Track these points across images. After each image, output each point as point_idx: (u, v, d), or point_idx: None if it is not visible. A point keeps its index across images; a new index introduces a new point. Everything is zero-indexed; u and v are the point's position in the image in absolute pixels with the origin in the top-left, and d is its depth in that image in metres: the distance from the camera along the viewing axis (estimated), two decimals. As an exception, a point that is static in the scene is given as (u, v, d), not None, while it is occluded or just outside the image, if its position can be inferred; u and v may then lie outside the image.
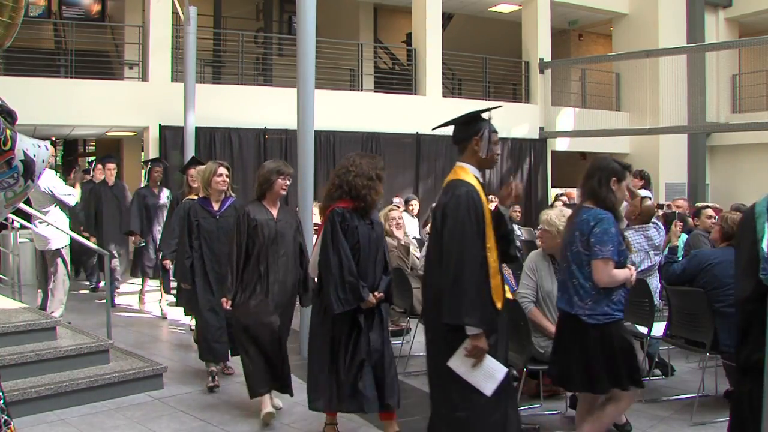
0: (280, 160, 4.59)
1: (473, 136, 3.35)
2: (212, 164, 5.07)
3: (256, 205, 4.39)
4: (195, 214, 5.00)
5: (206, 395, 4.82)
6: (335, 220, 3.84)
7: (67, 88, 10.00)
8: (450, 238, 3.05)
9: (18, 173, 2.40)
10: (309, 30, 5.73)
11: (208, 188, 4.99)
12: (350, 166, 3.92)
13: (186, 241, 4.99)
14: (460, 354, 3.05)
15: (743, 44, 13.58)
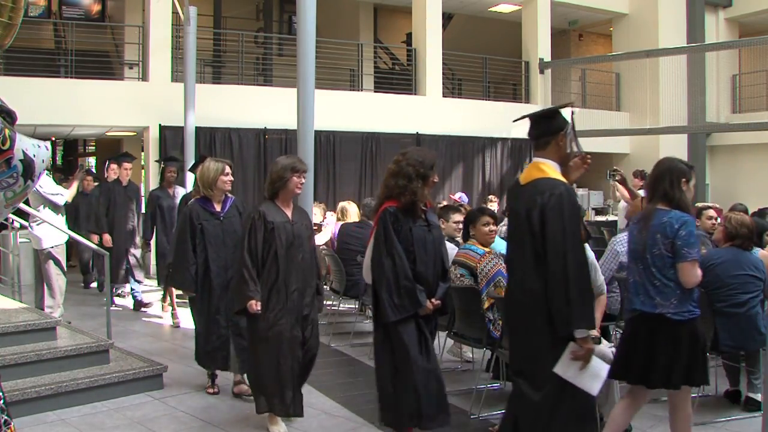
0: (294, 156, 4.30)
1: (559, 131, 3.18)
2: (216, 162, 4.75)
3: (270, 206, 4.07)
4: (197, 216, 4.68)
5: (206, 395, 4.82)
6: (387, 220, 3.59)
7: (67, 88, 10.00)
8: (556, 240, 2.94)
9: (17, 173, 2.40)
10: (309, 30, 5.73)
11: (212, 188, 4.70)
12: (393, 163, 3.69)
13: (189, 247, 4.66)
14: (566, 358, 2.95)
15: (743, 44, 13.59)
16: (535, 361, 3.05)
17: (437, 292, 3.65)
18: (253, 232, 3.99)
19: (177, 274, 4.79)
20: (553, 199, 2.97)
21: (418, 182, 3.59)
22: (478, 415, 4.41)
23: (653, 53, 13.25)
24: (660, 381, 3.43)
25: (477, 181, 13.04)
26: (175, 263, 4.85)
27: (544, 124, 3.22)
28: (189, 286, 4.70)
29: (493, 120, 13.16)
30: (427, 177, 3.62)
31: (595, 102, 15.18)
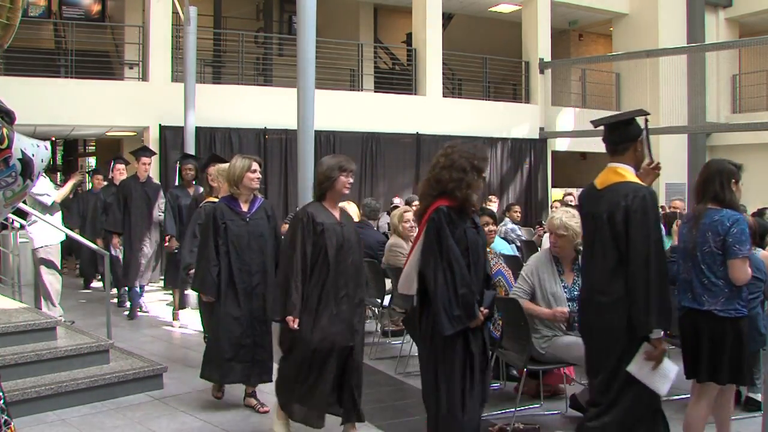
0: (340, 155, 4.00)
1: (637, 137, 3.23)
2: (243, 159, 4.42)
3: (318, 207, 3.84)
4: (221, 215, 4.37)
5: (206, 395, 4.81)
6: (443, 220, 3.21)
7: (67, 88, 10.00)
8: (639, 243, 2.98)
9: (16, 172, 2.40)
10: (309, 30, 5.73)
11: (238, 186, 4.38)
12: (440, 156, 3.36)
13: (212, 247, 4.35)
14: (640, 358, 3.01)
15: (743, 44, 13.59)
16: (608, 360, 3.09)
17: (484, 300, 3.31)
18: (300, 235, 3.71)
19: (197, 276, 4.48)
20: (637, 201, 3.01)
21: (473, 175, 3.29)
22: (478, 415, 4.40)
23: (653, 53, 13.25)
24: (707, 374, 3.52)
25: (477, 181, 13.00)
26: (197, 264, 4.54)
27: (623, 130, 3.26)
28: (210, 289, 4.37)
29: (493, 120, 13.17)
30: (481, 170, 3.34)
31: (595, 102, 15.18)
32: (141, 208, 7.42)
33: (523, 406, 4.46)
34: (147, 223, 7.47)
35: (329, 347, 3.68)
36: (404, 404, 4.47)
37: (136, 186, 7.48)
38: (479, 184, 3.31)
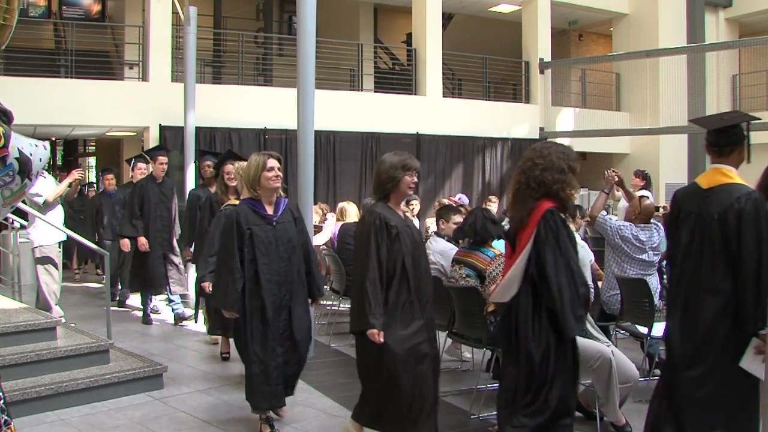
0: (403, 153, 3.77)
1: (743, 140, 3.32)
2: (259, 156, 4.03)
3: (386, 209, 3.57)
4: (246, 220, 3.92)
5: (206, 395, 4.82)
6: (558, 221, 3.22)
7: (67, 88, 10.00)
8: (752, 244, 3.05)
9: (13, 171, 2.39)
10: (309, 30, 5.73)
11: (256, 188, 4.00)
12: (536, 158, 3.34)
13: (236, 256, 3.88)
14: (750, 353, 3.05)
15: (743, 44, 13.58)
16: (711, 356, 3.13)
17: None
18: (375, 240, 3.43)
19: (219, 290, 4.02)
20: (750, 203, 3.09)
21: (571, 175, 3.33)
22: (478, 415, 4.41)
23: (653, 53, 13.25)
24: None
25: (477, 181, 13.03)
26: (217, 276, 4.10)
27: (731, 133, 3.33)
28: (233, 305, 3.89)
29: (493, 120, 13.17)
30: (576, 170, 3.37)
31: (595, 102, 15.18)
32: (159, 210, 7.03)
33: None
34: (166, 226, 7.08)
35: (417, 357, 3.42)
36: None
37: (153, 187, 7.06)
38: (577, 184, 3.36)
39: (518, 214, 3.37)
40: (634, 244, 5.24)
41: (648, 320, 4.91)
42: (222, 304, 3.99)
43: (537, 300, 3.27)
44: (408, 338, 3.39)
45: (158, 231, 7.01)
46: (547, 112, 13.97)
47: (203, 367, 5.59)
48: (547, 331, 3.25)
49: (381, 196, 3.63)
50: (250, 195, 4.04)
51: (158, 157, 7.09)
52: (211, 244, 4.82)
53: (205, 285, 4.90)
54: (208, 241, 4.93)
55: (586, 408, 4.27)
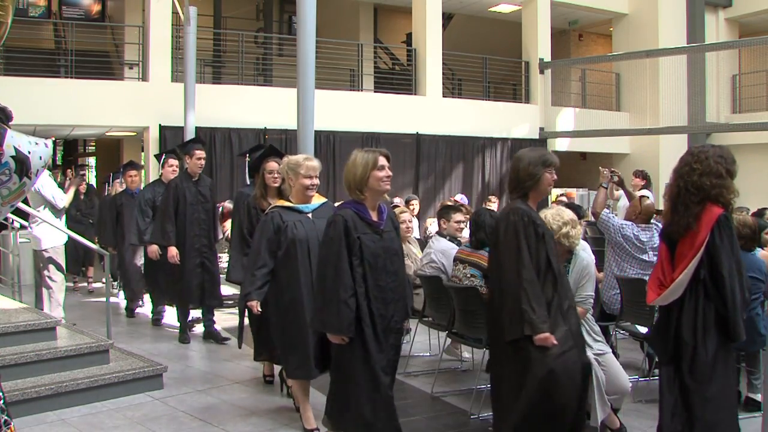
0: (539, 148, 3.53)
1: None
2: (366, 153, 3.49)
3: (529, 209, 3.37)
4: (354, 227, 3.37)
5: (206, 395, 4.82)
6: (731, 225, 3.21)
7: (67, 88, 10.00)
8: None
9: (10, 170, 2.37)
10: (309, 30, 5.73)
11: (362, 191, 3.45)
12: (694, 162, 3.27)
13: (347, 269, 3.31)
14: None
15: (743, 44, 13.58)
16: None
17: None
18: (525, 241, 3.22)
19: (327, 310, 3.33)
20: None
21: (729, 179, 3.27)
22: (478, 415, 4.40)
23: (653, 53, 13.25)
24: None
25: (477, 181, 13.04)
26: (324, 294, 3.38)
27: None
28: (348, 328, 3.29)
29: (493, 120, 13.18)
30: (733, 173, 3.28)
31: (595, 102, 15.18)
32: (196, 213, 6.18)
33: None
34: (205, 231, 6.22)
35: (568, 367, 3.23)
36: (405, 404, 4.46)
37: (189, 186, 6.19)
38: (735, 188, 3.30)
39: (684, 219, 3.28)
40: (635, 243, 5.24)
41: (648, 320, 4.90)
42: (333, 328, 3.34)
43: (702, 304, 3.24)
44: (558, 345, 3.20)
45: (195, 236, 6.16)
46: (547, 112, 13.97)
47: (203, 367, 5.59)
48: (714, 336, 3.21)
49: (520, 195, 3.42)
50: (353, 197, 3.49)
51: (194, 151, 6.25)
52: (257, 255, 4.01)
53: (252, 304, 3.99)
54: (254, 252, 4.08)
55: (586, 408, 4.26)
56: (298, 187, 4.00)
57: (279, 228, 3.96)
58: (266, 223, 4.02)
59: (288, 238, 3.94)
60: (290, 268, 3.95)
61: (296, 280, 3.95)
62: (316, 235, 3.89)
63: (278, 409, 4.49)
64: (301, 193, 4.02)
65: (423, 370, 5.45)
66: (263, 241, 3.99)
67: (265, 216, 4.07)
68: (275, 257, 3.99)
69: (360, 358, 3.34)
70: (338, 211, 3.51)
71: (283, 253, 3.96)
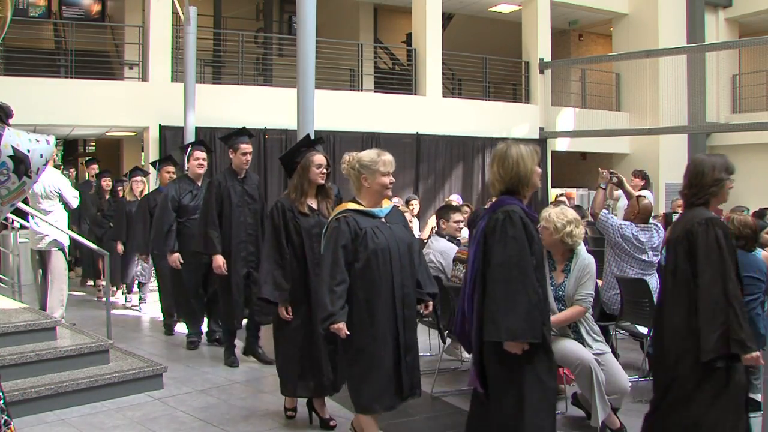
0: (718, 154, 3.28)
1: None
2: (526, 147, 3.24)
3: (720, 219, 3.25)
4: (530, 226, 3.13)
5: (206, 395, 4.82)
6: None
7: (67, 88, 10.00)
8: None
9: (8, 169, 2.35)
10: (309, 30, 5.73)
11: (524, 191, 3.26)
12: None
13: (534, 283, 3.04)
14: None
15: (743, 44, 13.59)
16: None
17: None
18: (729, 251, 3.08)
19: (513, 315, 2.96)
20: None
21: None
22: (477, 415, 4.40)
23: (653, 53, 13.25)
24: None
25: (477, 181, 13.04)
26: (510, 298, 2.98)
27: None
28: (540, 332, 3.02)
29: (493, 120, 13.18)
30: None
31: (595, 102, 15.18)
32: (243, 216, 5.40)
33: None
34: (252, 236, 5.44)
35: None
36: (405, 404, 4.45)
37: (234, 185, 5.45)
38: None
39: None
40: (635, 243, 5.24)
41: (648, 320, 4.90)
42: (523, 334, 2.96)
43: None
44: None
45: (242, 242, 5.38)
46: (547, 112, 13.97)
47: (203, 367, 5.58)
48: None
49: (701, 202, 3.19)
50: (521, 196, 3.25)
51: (240, 144, 5.51)
52: (334, 267, 3.42)
53: (339, 327, 3.38)
54: (329, 264, 3.44)
55: (586, 407, 4.27)
56: (376, 187, 3.52)
57: (356, 235, 3.44)
58: (339, 229, 3.44)
59: (368, 248, 3.42)
60: (369, 283, 3.43)
61: (377, 296, 3.43)
62: (396, 245, 3.49)
63: (278, 410, 4.48)
64: (377, 195, 3.55)
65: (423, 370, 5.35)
66: (339, 250, 3.42)
67: (337, 221, 3.49)
68: (350, 270, 3.43)
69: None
70: (507, 208, 3.13)
71: (362, 265, 3.42)
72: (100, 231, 8.58)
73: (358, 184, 3.58)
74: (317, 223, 4.05)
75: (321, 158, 4.16)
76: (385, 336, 3.44)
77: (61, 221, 6.27)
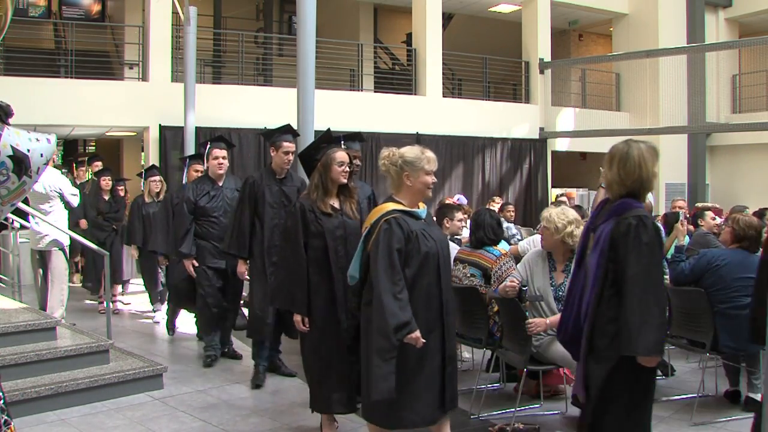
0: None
1: None
2: (646, 145, 3.02)
3: None
4: None
5: (206, 395, 4.82)
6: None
7: (67, 88, 10.00)
8: None
9: (7, 169, 2.34)
10: (309, 30, 5.73)
11: (642, 193, 2.99)
12: None
13: (664, 292, 2.97)
14: None
15: (743, 44, 13.59)
16: None
17: None
18: None
19: (647, 331, 2.77)
20: None
21: None
22: (478, 415, 4.41)
23: (653, 53, 13.26)
24: None
25: (477, 181, 13.04)
26: (648, 312, 2.79)
27: None
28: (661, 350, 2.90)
29: (493, 120, 13.18)
30: None
31: (595, 102, 15.19)
32: (279, 219, 4.87)
33: (523, 406, 4.46)
34: None
35: None
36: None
37: (271, 185, 4.98)
38: None
39: None
40: (635, 243, 5.23)
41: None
42: (654, 350, 2.82)
43: None
44: None
45: (273, 247, 4.83)
46: (547, 112, 13.97)
47: (203, 367, 5.58)
48: None
49: None
50: (641, 199, 2.99)
51: (283, 143, 5.09)
52: (392, 272, 3.14)
53: (416, 337, 3.12)
54: (386, 269, 3.14)
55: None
56: (419, 186, 3.29)
57: (408, 238, 3.18)
58: (392, 231, 3.17)
59: (421, 251, 3.19)
60: (420, 289, 3.20)
61: (429, 303, 3.22)
62: (441, 248, 3.31)
63: (278, 410, 4.49)
64: (419, 194, 3.32)
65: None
66: (395, 254, 3.14)
67: (387, 223, 3.19)
68: None
69: None
70: (638, 213, 2.89)
71: (415, 271, 3.18)
72: (102, 234, 7.87)
73: (399, 182, 3.33)
74: (341, 224, 3.83)
75: (344, 155, 3.92)
76: (435, 346, 3.23)
77: (62, 221, 6.26)
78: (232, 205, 5.38)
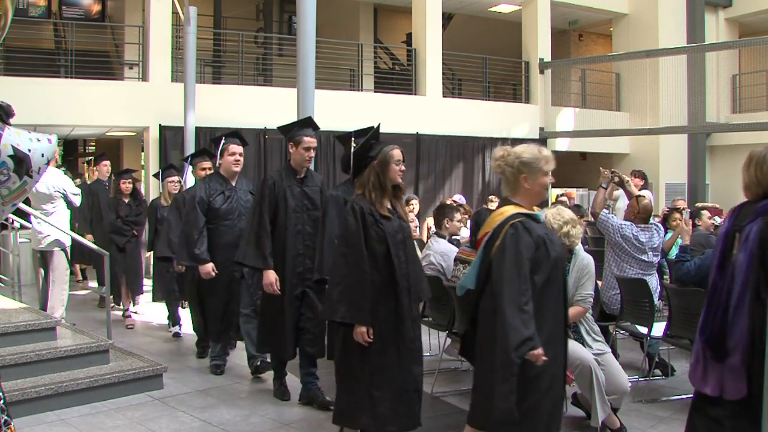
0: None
1: None
2: None
3: None
4: None
5: (206, 395, 4.82)
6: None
7: (67, 88, 10.00)
8: None
9: (8, 169, 2.34)
10: (309, 30, 5.74)
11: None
12: None
13: None
14: None
15: (743, 44, 13.59)
16: None
17: None
18: None
19: None
20: None
21: None
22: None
23: (653, 53, 13.26)
24: None
25: (477, 181, 13.05)
26: None
27: None
28: None
29: (493, 120, 13.18)
30: None
31: (595, 102, 15.19)
32: (300, 223, 4.51)
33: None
34: (310, 249, 4.46)
35: None
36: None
37: (293, 186, 4.57)
38: None
39: None
40: (635, 243, 5.24)
41: (648, 320, 4.91)
42: None
43: None
44: None
45: (298, 256, 4.47)
46: (547, 112, 13.97)
47: (203, 367, 5.58)
48: None
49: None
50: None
51: (303, 138, 4.65)
52: (519, 281, 2.92)
53: (539, 353, 2.87)
54: (513, 277, 2.93)
55: (586, 407, 4.27)
56: (537, 188, 3.09)
57: (537, 245, 2.97)
58: (521, 237, 2.94)
59: (551, 257, 2.99)
60: (549, 298, 3.01)
61: (557, 313, 3.06)
62: (564, 255, 3.19)
63: (278, 410, 4.49)
64: (537, 197, 3.12)
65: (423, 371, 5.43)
66: (526, 263, 2.91)
67: (513, 227, 2.96)
68: None
69: None
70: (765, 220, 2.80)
71: (546, 279, 2.97)
72: (121, 239, 7.19)
73: (516, 185, 3.12)
74: (400, 228, 3.61)
75: (400, 153, 3.69)
76: (559, 358, 3.06)
77: (63, 221, 6.26)
78: (247, 207, 5.01)
